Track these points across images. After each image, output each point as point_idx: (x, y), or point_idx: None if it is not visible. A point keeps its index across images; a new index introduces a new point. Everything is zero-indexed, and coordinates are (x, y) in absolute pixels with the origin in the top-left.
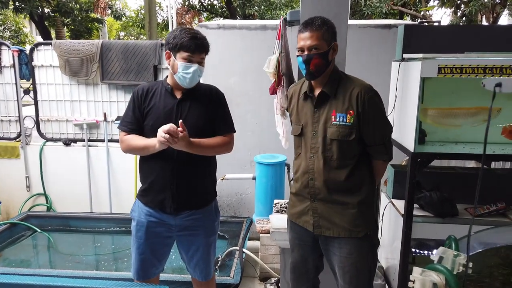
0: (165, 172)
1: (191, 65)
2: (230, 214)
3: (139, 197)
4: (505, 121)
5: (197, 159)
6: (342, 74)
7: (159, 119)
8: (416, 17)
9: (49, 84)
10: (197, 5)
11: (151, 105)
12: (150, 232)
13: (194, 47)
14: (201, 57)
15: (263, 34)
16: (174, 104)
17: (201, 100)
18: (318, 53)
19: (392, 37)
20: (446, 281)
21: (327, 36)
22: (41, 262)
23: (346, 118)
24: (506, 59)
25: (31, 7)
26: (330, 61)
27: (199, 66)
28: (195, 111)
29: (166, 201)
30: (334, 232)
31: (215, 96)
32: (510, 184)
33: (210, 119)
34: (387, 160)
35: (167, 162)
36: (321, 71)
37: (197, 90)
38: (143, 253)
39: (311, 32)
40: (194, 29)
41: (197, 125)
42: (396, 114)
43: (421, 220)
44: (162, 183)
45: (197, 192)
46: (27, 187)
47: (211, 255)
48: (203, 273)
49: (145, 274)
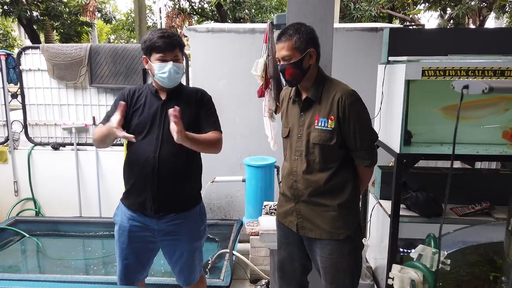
0: (146, 172)
1: (165, 64)
2: (221, 217)
3: (122, 200)
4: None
5: (179, 160)
6: (327, 78)
7: (145, 119)
8: (405, 20)
9: (37, 88)
10: (188, 9)
11: (137, 106)
12: (132, 236)
13: (163, 46)
14: (174, 54)
15: (251, 38)
16: (159, 105)
17: (186, 101)
18: (291, 63)
19: (379, 40)
20: (424, 278)
21: (299, 45)
22: (30, 267)
23: (328, 123)
24: (488, 61)
25: (19, 10)
26: (306, 68)
27: (174, 64)
28: (180, 111)
29: (146, 202)
30: (316, 234)
31: (200, 97)
32: (494, 184)
33: (194, 120)
34: (369, 166)
35: (148, 161)
36: (298, 79)
37: (183, 92)
38: (127, 259)
39: (282, 42)
40: (163, 29)
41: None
42: (382, 116)
43: (408, 220)
44: (143, 184)
45: (178, 194)
46: (15, 192)
47: (195, 261)
48: (187, 280)
49: (129, 281)
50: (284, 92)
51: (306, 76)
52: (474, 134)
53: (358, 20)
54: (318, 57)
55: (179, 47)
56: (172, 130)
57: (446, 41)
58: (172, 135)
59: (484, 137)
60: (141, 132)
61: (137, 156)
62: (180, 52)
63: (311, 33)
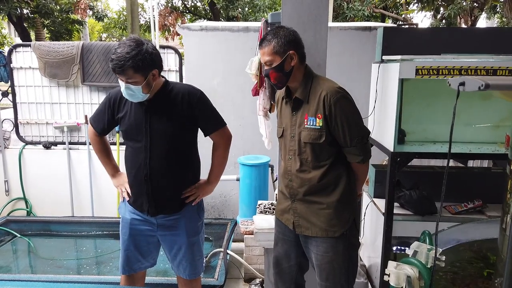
0: (139, 178)
1: (121, 83)
2: (215, 216)
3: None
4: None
5: (171, 165)
6: (314, 76)
7: (131, 126)
8: (397, 20)
9: (29, 86)
10: (180, 7)
11: (123, 112)
12: (133, 228)
13: (112, 67)
14: (126, 77)
15: (245, 36)
16: (143, 111)
17: (172, 104)
18: (272, 68)
19: (373, 39)
20: (420, 274)
21: (278, 49)
22: (21, 268)
23: (316, 122)
24: (481, 61)
25: (9, 8)
26: (289, 70)
27: (127, 86)
28: (165, 116)
29: (144, 205)
30: (312, 232)
31: (187, 98)
32: (486, 182)
33: (182, 122)
34: (361, 162)
35: (140, 169)
36: (282, 82)
37: (168, 94)
38: (127, 249)
39: (263, 48)
40: (125, 45)
41: (167, 131)
42: (376, 114)
43: (401, 219)
44: (139, 189)
45: (174, 197)
46: (6, 192)
47: (195, 255)
48: (186, 271)
49: (130, 268)
50: (279, 92)
51: (290, 78)
52: (467, 132)
53: (351, 20)
54: (301, 58)
55: (133, 70)
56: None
57: (440, 40)
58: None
59: (476, 136)
60: (131, 139)
61: (131, 163)
62: (136, 74)
63: (290, 35)
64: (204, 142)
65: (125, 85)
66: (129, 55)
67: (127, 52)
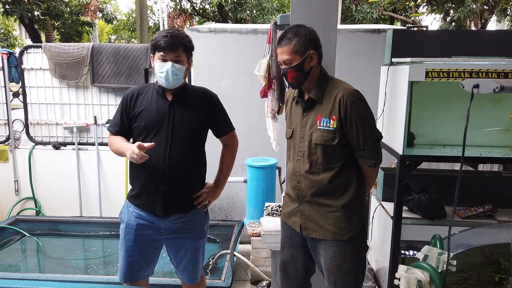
0: (156, 173)
1: (164, 64)
2: (222, 218)
3: (130, 198)
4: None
5: (189, 161)
6: (329, 78)
7: (153, 120)
8: (406, 23)
9: (39, 87)
10: (189, 9)
11: (141, 108)
12: (139, 234)
13: (164, 45)
14: (175, 55)
15: (254, 38)
16: (166, 106)
17: (193, 102)
18: (291, 67)
19: (382, 41)
20: (431, 278)
21: (299, 48)
22: (30, 267)
23: (330, 123)
24: (491, 63)
25: (21, 10)
26: (308, 70)
27: (173, 64)
28: (187, 112)
29: (156, 204)
30: (320, 235)
31: (207, 98)
32: (496, 186)
33: (201, 120)
34: (373, 166)
35: (158, 163)
36: (300, 81)
37: (189, 92)
38: (132, 256)
39: (282, 47)
40: (172, 29)
41: (190, 126)
42: (385, 117)
43: (410, 222)
44: (153, 185)
45: (187, 195)
46: (15, 191)
47: (199, 258)
48: (191, 276)
49: (133, 277)
50: (289, 92)
51: (308, 78)
52: (477, 136)
53: (359, 22)
54: (319, 58)
55: (183, 48)
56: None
57: (450, 43)
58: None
59: (487, 140)
60: (150, 133)
61: (149, 158)
62: (184, 53)
63: (310, 35)
64: (206, 147)
65: (171, 63)
66: (181, 35)
67: (179, 33)
